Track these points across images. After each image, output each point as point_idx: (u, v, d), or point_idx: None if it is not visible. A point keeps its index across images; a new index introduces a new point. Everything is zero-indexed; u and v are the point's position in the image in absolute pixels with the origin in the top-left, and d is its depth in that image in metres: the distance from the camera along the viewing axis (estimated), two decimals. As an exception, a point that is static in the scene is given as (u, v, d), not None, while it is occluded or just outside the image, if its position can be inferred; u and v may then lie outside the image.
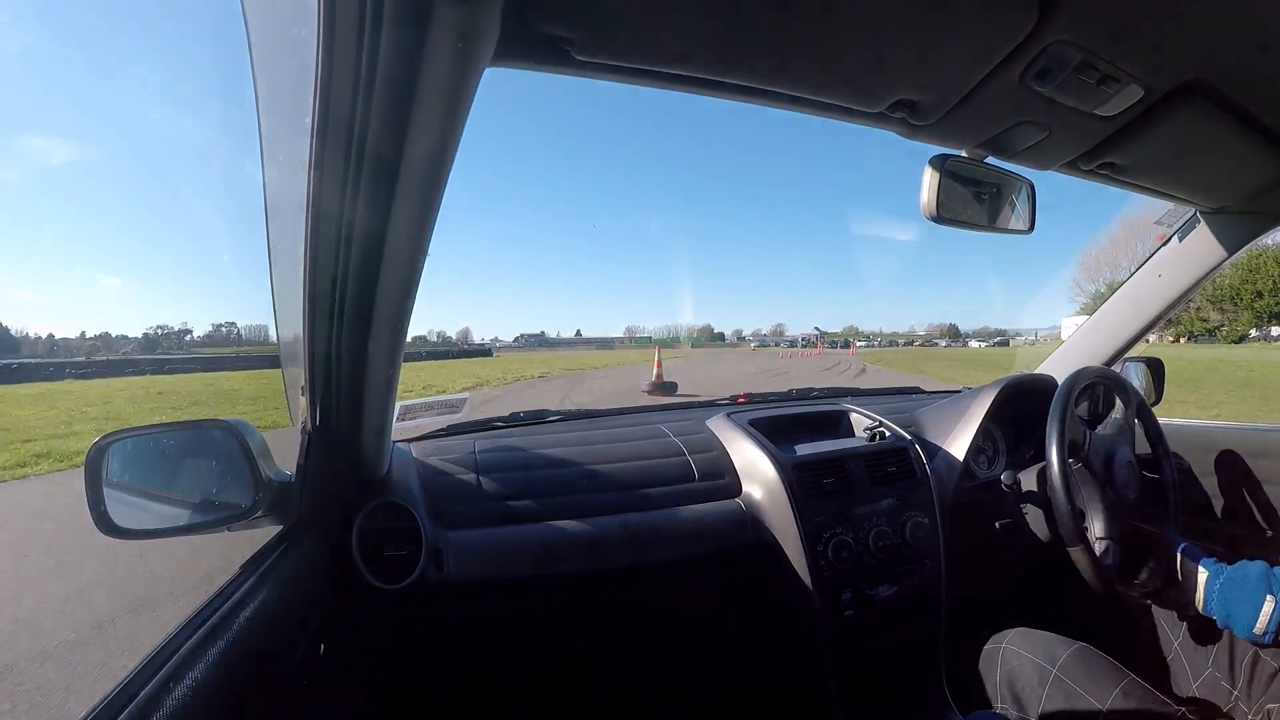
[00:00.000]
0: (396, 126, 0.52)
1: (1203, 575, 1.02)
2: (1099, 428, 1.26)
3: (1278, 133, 0.90)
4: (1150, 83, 0.74)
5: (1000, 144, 0.88)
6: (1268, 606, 0.93)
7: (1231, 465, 1.46)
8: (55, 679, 2.22)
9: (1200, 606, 1.02)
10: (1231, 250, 1.30)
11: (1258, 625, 0.93)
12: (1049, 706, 1.02)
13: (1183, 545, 1.07)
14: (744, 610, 1.28)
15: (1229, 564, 1.01)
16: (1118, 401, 1.32)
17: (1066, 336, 1.72)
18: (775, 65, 0.68)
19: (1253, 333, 42.88)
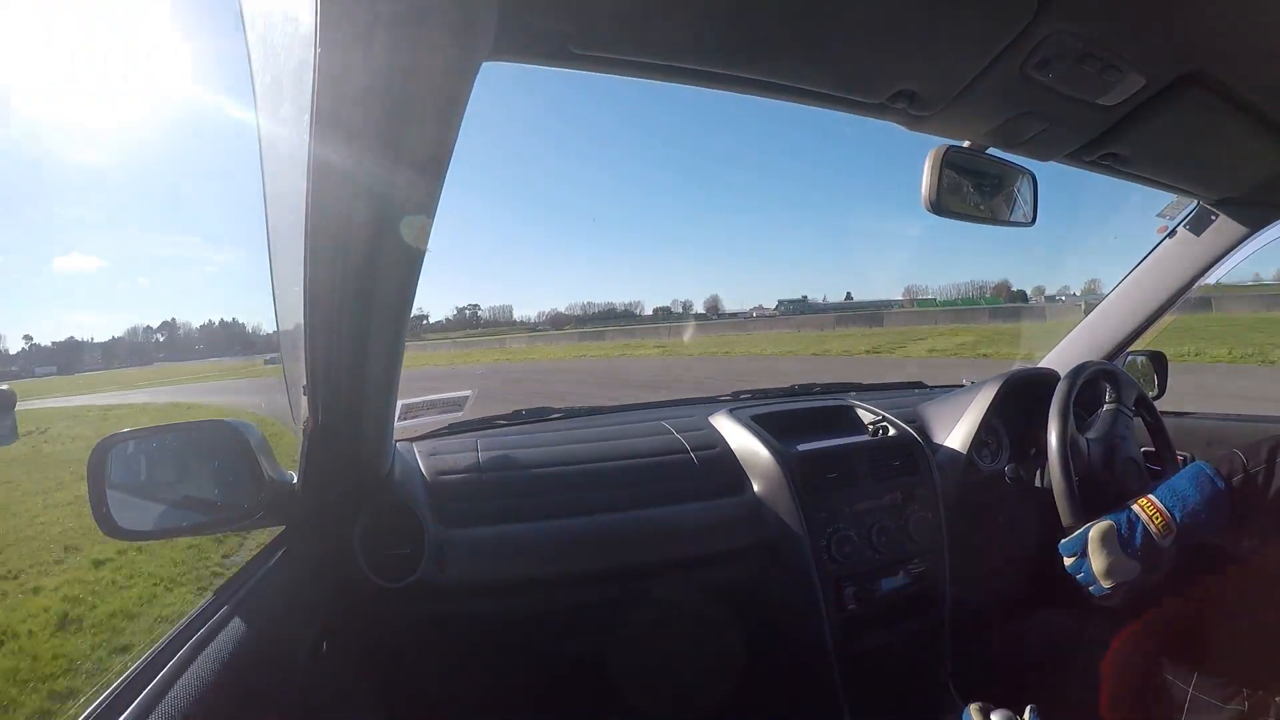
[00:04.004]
0: (395, 122, 0.52)
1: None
2: (1101, 421, 1.26)
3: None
4: (1151, 72, 0.74)
5: (1002, 135, 0.87)
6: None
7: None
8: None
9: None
10: (1234, 242, 1.30)
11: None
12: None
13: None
14: (748, 606, 1.28)
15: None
16: (1120, 395, 1.31)
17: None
18: (775, 57, 0.67)
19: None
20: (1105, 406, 1.27)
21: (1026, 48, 0.67)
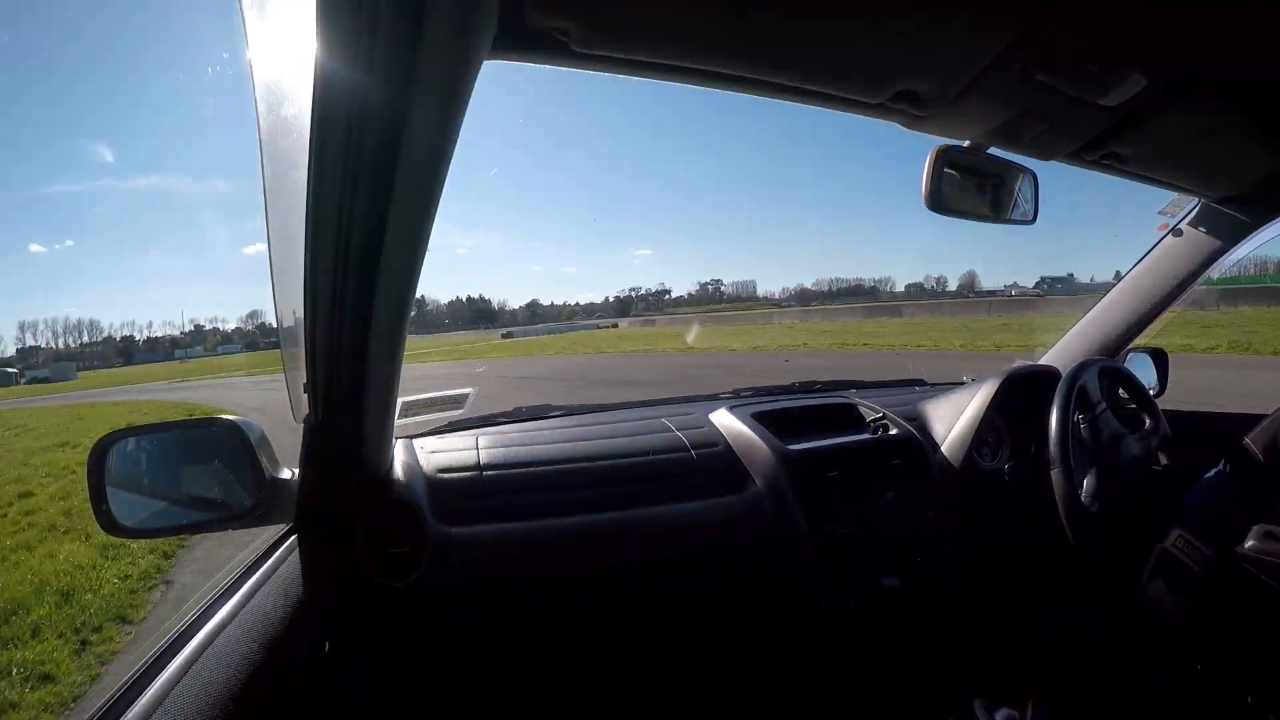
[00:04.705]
0: (394, 120, 0.52)
1: None
2: (1102, 419, 1.26)
3: None
4: (1153, 72, 0.74)
5: (1003, 134, 0.87)
6: None
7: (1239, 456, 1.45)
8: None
9: None
10: (1235, 240, 1.30)
11: None
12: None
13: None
14: (748, 604, 1.29)
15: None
16: (1121, 392, 1.31)
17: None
18: (775, 56, 0.67)
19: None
20: (1106, 404, 1.27)
21: (1028, 47, 0.67)
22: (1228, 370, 8.27)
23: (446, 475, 1.15)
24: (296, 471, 0.92)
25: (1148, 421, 1.32)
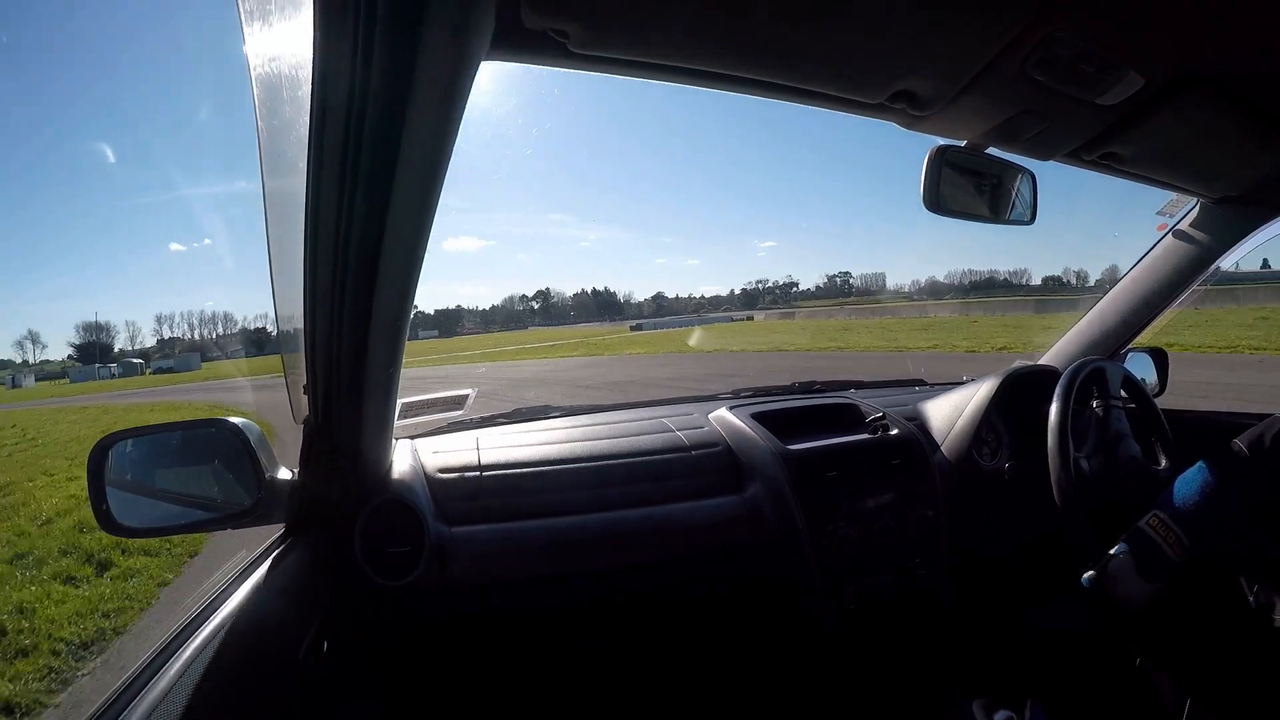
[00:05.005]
0: (393, 121, 0.52)
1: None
2: (1102, 419, 1.26)
3: None
4: (1151, 72, 0.74)
5: (1001, 134, 0.87)
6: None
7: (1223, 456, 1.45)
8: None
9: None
10: (1234, 240, 1.30)
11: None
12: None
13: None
14: (747, 605, 1.29)
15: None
16: (1121, 392, 1.31)
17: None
18: (774, 57, 0.67)
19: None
20: (1105, 403, 1.27)
21: (1026, 47, 0.67)
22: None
23: (447, 475, 1.16)
24: (296, 472, 0.92)
25: (1147, 420, 1.32)
